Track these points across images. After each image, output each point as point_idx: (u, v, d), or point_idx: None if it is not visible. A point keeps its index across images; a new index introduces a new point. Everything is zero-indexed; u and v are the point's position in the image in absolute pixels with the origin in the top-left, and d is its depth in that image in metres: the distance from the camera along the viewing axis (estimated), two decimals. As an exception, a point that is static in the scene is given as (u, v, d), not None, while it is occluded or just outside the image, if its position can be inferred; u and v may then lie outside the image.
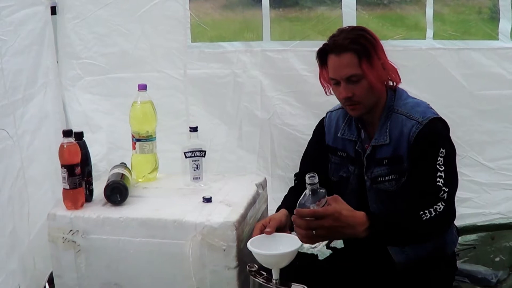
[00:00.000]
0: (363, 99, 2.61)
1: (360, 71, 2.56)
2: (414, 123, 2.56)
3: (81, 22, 3.66)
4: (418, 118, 2.57)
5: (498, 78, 3.60)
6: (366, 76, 2.57)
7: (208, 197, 2.77)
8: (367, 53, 2.58)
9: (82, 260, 2.67)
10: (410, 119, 2.58)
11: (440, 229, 2.52)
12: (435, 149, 2.50)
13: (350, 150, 2.77)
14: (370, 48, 2.59)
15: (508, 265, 3.53)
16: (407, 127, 2.57)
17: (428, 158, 2.50)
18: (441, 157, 2.49)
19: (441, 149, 2.50)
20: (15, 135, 2.85)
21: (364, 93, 2.60)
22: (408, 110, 2.61)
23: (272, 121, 3.81)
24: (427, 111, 2.61)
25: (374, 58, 2.59)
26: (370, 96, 2.62)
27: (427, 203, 2.40)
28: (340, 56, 2.59)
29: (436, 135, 2.55)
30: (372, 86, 2.59)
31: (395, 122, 2.62)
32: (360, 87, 2.59)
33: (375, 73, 2.58)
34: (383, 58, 2.64)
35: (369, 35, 2.63)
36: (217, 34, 3.84)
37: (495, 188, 3.77)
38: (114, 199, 2.72)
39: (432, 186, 2.45)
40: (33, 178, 3.02)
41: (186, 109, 3.81)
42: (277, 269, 2.28)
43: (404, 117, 2.60)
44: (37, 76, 3.18)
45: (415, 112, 2.60)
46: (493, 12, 3.58)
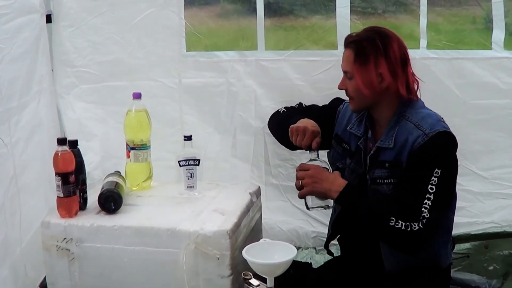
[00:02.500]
0: (354, 97, 2.69)
1: (351, 69, 2.63)
2: (421, 133, 2.55)
3: (76, 30, 3.66)
4: (425, 129, 2.56)
5: (491, 87, 3.62)
6: (355, 77, 2.62)
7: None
8: (364, 55, 2.61)
9: (75, 268, 2.66)
10: (418, 128, 2.57)
11: (406, 245, 2.53)
12: (431, 168, 2.50)
13: (353, 144, 2.80)
14: (370, 52, 2.60)
15: (501, 273, 3.53)
16: (413, 136, 2.57)
17: (422, 175, 2.50)
18: (436, 178, 2.48)
19: (437, 169, 2.49)
20: (10, 143, 2.85)
21: (353, 92, 2.66)
22: (419, 120, 2.61)
23: (266, 129, 3.79)
24: (437, 124, 2.60)
25: (370, 64, 2.60)
26: (360, 96, 2.66)
27: (403, 216, 2.45)
28: (345, 50, 2.70)
29: (437, 152, 2.54)
30: (359, 88, 2.62)
31: (403, 129, 2.62)
32: (351, 84, 2.66)
33: (365, 78, 2.61)
34: (382, 67, 2.61)
35: (381, 40, 2.62)
36: (212, 43, 3.85)
37: (489, 197, 3.78)
38: (108, 207, 2.72)
39: (416, 206, 2.47)
40: (26, 186, 3.01)
41: (181, 117, 3.82)
42: (272, 277, 2.28)
43: (412, 126, 2.60)
44: (31, 84, 3.18)
45: (425, 123, 2.59)
46: (487, 21, 3.59)
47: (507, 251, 3.63)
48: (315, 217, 3.82)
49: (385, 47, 2.61)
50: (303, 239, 3.88)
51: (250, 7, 3.77)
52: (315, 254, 3.75)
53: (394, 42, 2.65)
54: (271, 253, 2.31)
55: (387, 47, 2.62)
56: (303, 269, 2.80)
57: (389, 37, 2.66)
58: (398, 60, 2.63)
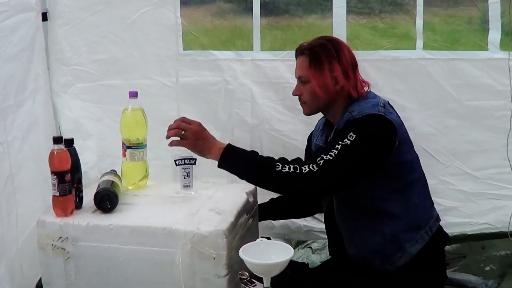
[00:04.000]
0: (308, 101, 2.85)
1: (306, 74, 2.80)
2: (350, 116, 2.69)
3: (72, 28, 3.65)
4: (355, 113, 2.70)
5: (487, 88, 3.62)
6: (311, 82, 2.79)
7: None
8: (318, 61, 2.79)
9: (71, 268, 2.66)
10: (350, 114, 2.72)
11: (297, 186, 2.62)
12: (346, 131, 2.62)
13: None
14: (324, 58, 2.80)
15: (498, 274, 3.55)
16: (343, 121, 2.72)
17: (336, 138, 2.65)
18: (348, 140, 2.59)
19: (352, 133, 2.60)
20: (5, 142, 2.84)
21: (308, 96, 2.84)
22: (354, 108, 2.74)
23: (262, 126, 3.82)
24: (370, 108, 2.71)
25: (325, 68, 2.79)
26: (314, 99, 2.84)
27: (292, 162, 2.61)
28: (299, 57, 2.91)
29: (356, 122, 2.66)
30: (315, 92, 2.79)
31: (341, 121, 2.75)
32: (306, 89, 2.84)
33: (320, 81, 2.79)
34: (336, 71, 2.79)
35: (333, 47, 2.82)
36: (208, 42, 3.84)
37: (481, 197, 3.78)
38: (104, 206, 2.71)
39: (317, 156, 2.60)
40: (22, 185, 3.00)
41: (178, 116, 3.79)
42: (269, 277, 2.28)
43: (348, 113, 2.73)
44: (27, 83, 3.17)
45: (358, 108, 2.73)
46: (483, 22, 3.59)
47: (503, 251, 3.64)
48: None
49: (337, 52, 2.81)
50: (296, 233, 3.89)
51: (246, 6, 3.76)
52: (311, 254, 3.76)
53: (344, 48, 2.86)
54: (268, 253, 2.32)
55: (339, 52, 2.82)
56: (300, 269, 2.81)
57: (340, 44, 2.88)
58: (349, 64, 2.83)
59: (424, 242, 2.79)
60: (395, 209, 2.74)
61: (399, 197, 2.74)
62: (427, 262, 2.81)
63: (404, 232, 2.76)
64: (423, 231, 2.80)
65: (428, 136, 3.71)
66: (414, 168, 2.85)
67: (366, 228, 2.81)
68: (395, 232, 2.75)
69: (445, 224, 3.22)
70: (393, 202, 2.74)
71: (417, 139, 3.60)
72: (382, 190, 2.74)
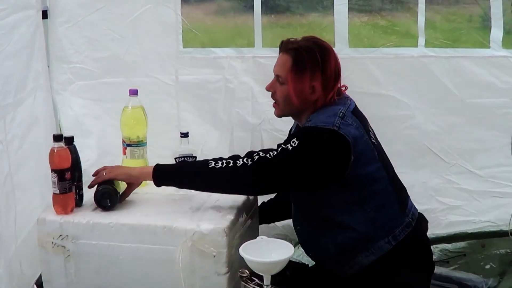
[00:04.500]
0: (280, 102, 2.77)
1: (285, 76, 2.70)
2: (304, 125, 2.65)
3: (72, 26, 3.64)
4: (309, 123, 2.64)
5: (489, 86, 3.61)
6: (288, 84, 2.70)
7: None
8: (301, 65, 2.69)
9: (71, 265, 2.65)
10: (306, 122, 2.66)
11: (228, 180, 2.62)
12: (292, 137, 2.58)
13: None
14: (308, 64, 2.69)
15: (498, 272, 3.54)
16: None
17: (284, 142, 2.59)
18: (290, 146, 2.54)
19: (295, 140, 2.55)
20: (5, 140, 2.84)
21: (281, 97, 2.75)
22: (313, 117, 2.67)
23: (263, 126, 3.81)
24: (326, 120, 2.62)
25: (306, 75, 2.69)
26: (286, 103, 2.75)
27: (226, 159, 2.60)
28: (283, 54, 2.77)
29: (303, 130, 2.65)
30: (289, 96, 2.71)
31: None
32: (281, 89, 2.75)
33: (297, 87, 2.69)
34: (317, 81, 2.69)
35: (320, 55, 2.70)
36: (208, 40, 3.84)
37: (485, 196, 3.77)
38: (104, 204, 2.71)
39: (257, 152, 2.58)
40: (22, 183, 2.99)
41: (178, 114, 3.81)
42: (269, 275, 2.27)
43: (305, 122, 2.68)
44: (27, 81, 3.16)
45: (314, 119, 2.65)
46: (485, 20, 3.59)
47: (503, 250, 3.63)
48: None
49: (323, 62, 2.70)
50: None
51: (247, 4, 3.76)
52: (311, 252, 3.75)
53: (331, 58, 2.74)
54: (268, 251, 2.31)
55: (325, 62, 2.70)
56: (299, 269, 2.81)
57: (328, 52, 2.75)
58: (332, 76, 2.72)
59: (382, 252, 2.72)
60: (349, 220, 2.66)
61: (355, 208, 2.66)
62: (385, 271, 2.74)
63: (358, 243, 2.70)
64: (383, 242, 2.71)
65: (432, 134, 3.70)
66: (376, 179, 2.71)
67: (320, 236, 2.76)
68: (347, 242, 2.69)
69: (448, 223, 3.22)
70: (348, 213, 2.67)
71: (421, 137, 3.61)
72: (337, 201, 2.66)
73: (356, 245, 2.70)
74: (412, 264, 2.77)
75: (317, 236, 2.79)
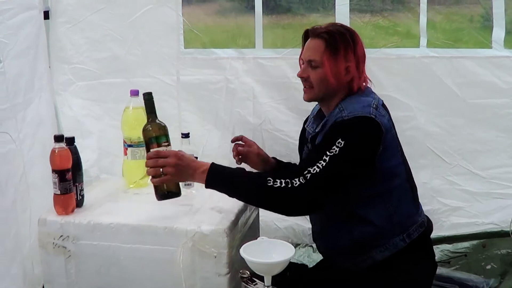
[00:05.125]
0: (315, 86, 2.72)
1: (320, 59, 2.68)
2: (339, 116, 2.59)
3: (73, 27, 3.64)
4: (345, 113, 2.59)
5: (491, 86, 3.60)
6: (323, 66, 2.67)
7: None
8: (335, 47, 2.67)
9: (72, 266, 2.66)
10: (340, 112, 2.61)
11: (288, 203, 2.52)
12: (334, 136, 2.52)
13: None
14: (341, 45, 2.68)
15: (499, 273, 3.53)
16: (331, 120, 2.63)
17: (324, 144, 2.54)
18: (337, 148, 2.49)
19: (340, 139, 2.49)
20: (18, 139, 2.85)
21: (316, 81, 2.70)
22: (346, 105, 2.64)
23: (264, 126, 3.80)
24: (361, 109, 2.60)
25: (340, 56, 2.67)
26: (322, 86, 2.70)
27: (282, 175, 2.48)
28: (313, 39, 2.74)
29: (344, 126, 2.56)
30: (326, 77, 2.68)
31: (331, 115, 2.67)
32: (316, 73, 2.70)
33: (333, 68, 2.67)
34: (351, 62, 2.69)
35: (350, 37, 2.72)
36: (210, 41, 3.84)
37: (487, 197, 3.76)
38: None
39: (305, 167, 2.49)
40: (35, 183, 3.01)
41: (179, 114, 3.81)
42: (269, 276, 2.27)
43: (337, 111, 2.64)
44: (34, 80, 3.18)
45: (349, 107, 2.62)
46: (486, 20, 3.58)
47: (504, 250, 3.62)
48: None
49: (354, 43, 2.71)
50: (300, 236, 3.88)
51: (248, 4, 3.76)
52: (312, 253, 3.74)
53: (359, 40, 2.75)
54: (269, 252, 2.30)
55: (355, 44, 2.72)
56: (299, 270, 2.80)
57: (356, 35, 2.76)
58: (362, 58, 2.75)
59: (396, 249, 2.71)
60: (369, 214, 2.65)
61: (376, 202, 2.66)
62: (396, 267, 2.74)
63: (375, 238, 2.69)
64: (398, 239, 2.70)
65: (434, 135, 3.70)
66: (397, 175, 2.71)
67: (337, 228, 2.74)
68: (365, 236, 2.68)
69: (450, 225, 3.21)
70: (369, 207, 2.65)
71: (423, 138, 3.61)
72: (358, 194, 2.64)
73: (372, 240, 2.68)
74: (422, 263, 2.78)
75: (334, 227, 2.76)
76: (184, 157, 2.57)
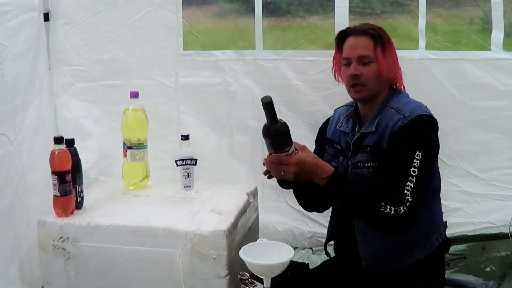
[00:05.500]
0: (369, 82, 2.69)
1: (372, 54, 2.69)
2: (401, 117, 2.60)
3: (73, 28, 3.65)
4: (405, 113, 2.61)
5: (490, 88, 3.60)
6: (377, 61, 2.69)
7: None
8: (382, 42, 2.71)
9: (71, 268, 2.66)
10: (398, 113, 2.62)
11: (396, 229, 2.54)
12: (413, 150, 2.52)
13: (343, 142, 2.81)
14: (386, 41, 2.73)
15: (498, 275, 3.52)
16: (393, 120, 2.61)
17: (404, 157, 2.53)
18: (417, 160, 2.50)
19: (418, 152, 2.51)
20: (16, 141, 2.86)
21: (371, 76, 2.69)
22: (400, 106, 2.66)
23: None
24: (418, 108, 2.64)
25: (388, 51, 2.72)
26: (375, 82, 2.70)
27: (390, 200, 2.45)
28: (358, 37, 2.73)
29: (417, 134, 2.57)
30: (380, 72, 2.69)
31: (385, 115, 2.67)
32: (369, 69, 2.69)
33: (386, 63, 2.69)
34: (395, 57, 2.76)
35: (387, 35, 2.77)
36: (209, 42, 3.84)
37: (486, 198, 3.76)
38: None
39: (400, 189, 2.48)
40: (34, 184, 3.02)
41: (178, 117, 3.80)
42: (269, 278, 2.27)
43: (393, 111, 2.65)
44: (34, 82, 3.19)
45: (406, 108, 2.64)
46: (485, 22, 3.58)
47: (504, 252, 3.62)
48: (311, 217, 3.82)
49: (390, 39, 2.77)
50: (299, 239, 3.87)
51: (248, 6, 3.76)
52: (311, 255, 3.74)
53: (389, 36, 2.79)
54: (268, 254, 2.30)
55: (391, 41, 2.77)
56: (300, 269, 2.79)
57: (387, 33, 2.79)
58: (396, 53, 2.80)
59: (432, 248, 2.75)
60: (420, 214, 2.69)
61: (426, 202, 2.70)
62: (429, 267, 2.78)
63: (419, 237, 2.72)
64: (434, 238, 2.76)
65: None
66: (438, 174, 2.78)
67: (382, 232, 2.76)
68: (412, 236, 2.71)
69: (449, 225, 3.18)
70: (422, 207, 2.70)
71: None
72: None
73: (418, 239, 2.71)
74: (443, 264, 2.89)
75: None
76: (305, 163, 2.46)
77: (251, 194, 3.01)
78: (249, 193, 3.00)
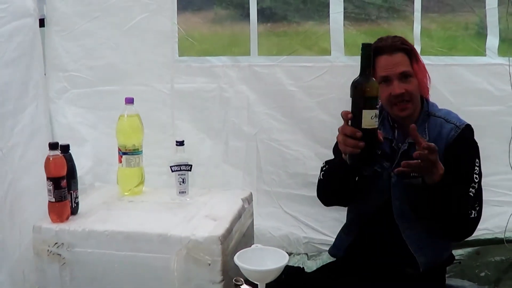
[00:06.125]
0: (413, 97, 2.75)
1: (411, 69, 2.75)
2: (453, 126, 2.75)
3: (68, 34, 3.65)
4: (455, 122, 2.76)
5: (485, 94, 3.62)
6: (416, 75, 2.77)
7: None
8: (415, 55, 2.80)
9: (67, 273, 2.65)
10: (448, 122, 2.77)
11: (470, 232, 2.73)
12: (473, 158, 2.71)
13: (386, 148, 2.81)
14: (416, 53, 2.83)
15: (493, 280, 3.53)
16: (446, 129, 2.75)
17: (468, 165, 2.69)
18: (477, 167, 2.69)
19: (477, 160, 2.70)
20: (5, 147, 2.85)
21: (415, 92, 2.75)
22: (445, 115, 2.80)
23: (259, 136, 3.80)
24: (460, 118, 2.81)
25: (419, 62, 2.81)
26: (418, 96, 2.78)
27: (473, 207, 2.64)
28: (392, 55, 2.76)
29: (474, 144, 2.76)
30: (421, 84, 2.78)
31: (433, 124, 2.78)
32: (412, 84, 2.74)
33: (422, 74, 2.80)
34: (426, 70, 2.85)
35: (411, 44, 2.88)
36: (204, 49, 3.84)
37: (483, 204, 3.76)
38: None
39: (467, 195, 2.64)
40: (27, 190, 3.01)
41: (172, 123, 3.80)
42: (264, 283, 2.27)
43: (442, 120, 2.78)
44: (28, 88, 3.18)
45: (451, 117, 2.80)
46: (480, 28, 3.59)
47: (498, 257, 3.63)
48: (306, 223, 3.82)
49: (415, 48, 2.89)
50: (294, 245, 3.86)
51: (244, 12, 3.76)
52: (306, 260, 3.74)
53: None
54: (263, 259, 2.30)
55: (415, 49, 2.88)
56: (295, 274, 2.79)
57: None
58: None
59: (452, 249, 2.96)
60: None
61: None
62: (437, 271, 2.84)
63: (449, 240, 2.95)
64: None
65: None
66: None
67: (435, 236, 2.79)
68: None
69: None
70: None
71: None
72: None
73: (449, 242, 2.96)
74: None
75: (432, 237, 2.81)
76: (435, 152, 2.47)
77: (246, 200, 3.01)
78: (244, 199, 3.00)
